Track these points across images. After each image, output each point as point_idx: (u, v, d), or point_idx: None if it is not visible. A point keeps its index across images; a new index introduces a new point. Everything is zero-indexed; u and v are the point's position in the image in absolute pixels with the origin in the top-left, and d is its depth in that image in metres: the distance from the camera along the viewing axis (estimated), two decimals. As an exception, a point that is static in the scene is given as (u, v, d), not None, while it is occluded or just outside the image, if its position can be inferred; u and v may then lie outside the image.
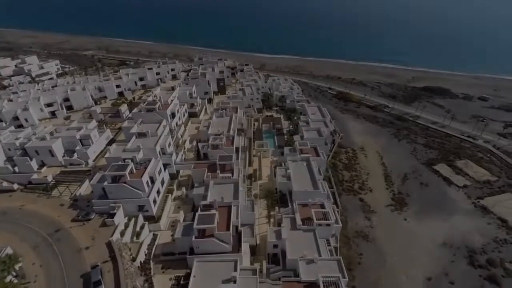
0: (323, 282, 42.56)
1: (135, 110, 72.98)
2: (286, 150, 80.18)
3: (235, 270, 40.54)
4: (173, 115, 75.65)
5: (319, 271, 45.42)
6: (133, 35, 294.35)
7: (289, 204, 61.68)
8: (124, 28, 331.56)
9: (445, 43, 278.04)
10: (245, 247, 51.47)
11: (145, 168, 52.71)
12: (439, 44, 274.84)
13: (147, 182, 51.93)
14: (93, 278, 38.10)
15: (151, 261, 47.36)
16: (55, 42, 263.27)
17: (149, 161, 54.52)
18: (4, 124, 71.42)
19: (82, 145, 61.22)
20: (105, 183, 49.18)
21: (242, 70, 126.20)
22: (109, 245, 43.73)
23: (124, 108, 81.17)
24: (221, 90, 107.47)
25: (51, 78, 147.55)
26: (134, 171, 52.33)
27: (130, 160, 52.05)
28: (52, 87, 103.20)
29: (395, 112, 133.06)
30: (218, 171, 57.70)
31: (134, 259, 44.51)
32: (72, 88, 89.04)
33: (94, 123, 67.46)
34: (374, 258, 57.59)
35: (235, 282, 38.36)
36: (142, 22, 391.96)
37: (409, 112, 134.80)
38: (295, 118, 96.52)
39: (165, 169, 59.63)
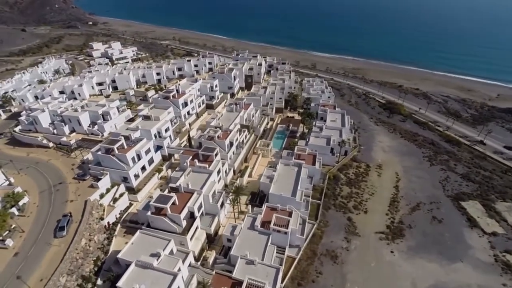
0: (247, 284, 43.42)
1: (155, 95, 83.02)
2: (284, 152, 79.71)
3: (165, 248, 44.71)
4: (185, 104, 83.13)
5: (253, 274, 46.11)
6: (206, 29, 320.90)
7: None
8: (200, 22, 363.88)
9: None
10: (200, 234, 55.27)
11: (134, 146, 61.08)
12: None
13: (133, 158, 60.13)
14: (60, 223, 47.92)
15: (119, 224, 55.71)
16: (143, 31, 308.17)
17: (140, 140, 62.79)
18: (64, 96, 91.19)
19: (103, 119, 74.11)
20: (99, 152, 59.36)
21: (278, 69, 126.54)
22: (86, 202, 53.39)
23: (151, 93, 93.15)
24: (248, 86, 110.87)
25: (127, 62, 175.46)
26: (125, 146, 61.23)
27: (123, 137, 61.06)
28: (124, 69, 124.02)
29: (449, 133, 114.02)
30: (196, 160, 62.20)
31: (102, 219, 53.26)
32: (120, 72, 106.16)
33: (116, 102, 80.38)
34: (333, 281, 53.56)
35: (158, 257, 42.59)
36: (216, 17, 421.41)
37: (470, 135, 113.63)
38: (312, 122, 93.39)
39: (157, 151, 67.37)
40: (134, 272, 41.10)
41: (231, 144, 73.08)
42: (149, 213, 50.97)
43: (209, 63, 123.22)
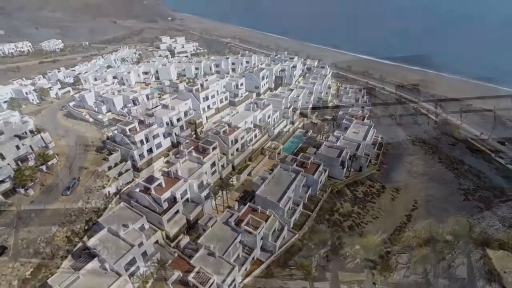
0: (197, 272, 45.68)
1: (181, 87, 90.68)
2: (288, 157, 78.38)
3: (135, 223, 49.95)
4: (206, 98, 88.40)
5: (210, 265, 48.15)
6: (268, 29, 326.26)
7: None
8: (263, 21, 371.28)
9: None
10: (179, 218, 59.48)
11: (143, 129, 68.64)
12: None
13: (141, 140, 67.70)
14: (67, 184, 57.83)
15: (117, 195, 63.82)
16: (211, 28, 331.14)
17: (151, 125, 70.14)
18: (115, 80, 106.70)
19: (133, 104, 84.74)
20: (115, 131, 68.61)
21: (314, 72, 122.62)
22: (94, 171, 62.78)
23: (182, 86, 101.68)
24: (277, 87, 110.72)
25: (186, 56, 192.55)
26: (138, 129, 69.24)
27: (137, 120, 69.23)
28: (178, 62, 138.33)
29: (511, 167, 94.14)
30: (193, 151, 66.39)
31: (104, 187, 61.92)
32: (164, 64, 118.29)
33: (147, 90, 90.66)
34: (295, 296, 51.58)
35: (126, 229, 48.00)
36: (280, 17, 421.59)
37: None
38: (332, 130, 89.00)
39: (166, 137, 74.10)
40: (104, 236, 47.35)
41: (235, 141, 75.25)
42: (137, 190, 57.26)
43: (247, 62, 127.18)
